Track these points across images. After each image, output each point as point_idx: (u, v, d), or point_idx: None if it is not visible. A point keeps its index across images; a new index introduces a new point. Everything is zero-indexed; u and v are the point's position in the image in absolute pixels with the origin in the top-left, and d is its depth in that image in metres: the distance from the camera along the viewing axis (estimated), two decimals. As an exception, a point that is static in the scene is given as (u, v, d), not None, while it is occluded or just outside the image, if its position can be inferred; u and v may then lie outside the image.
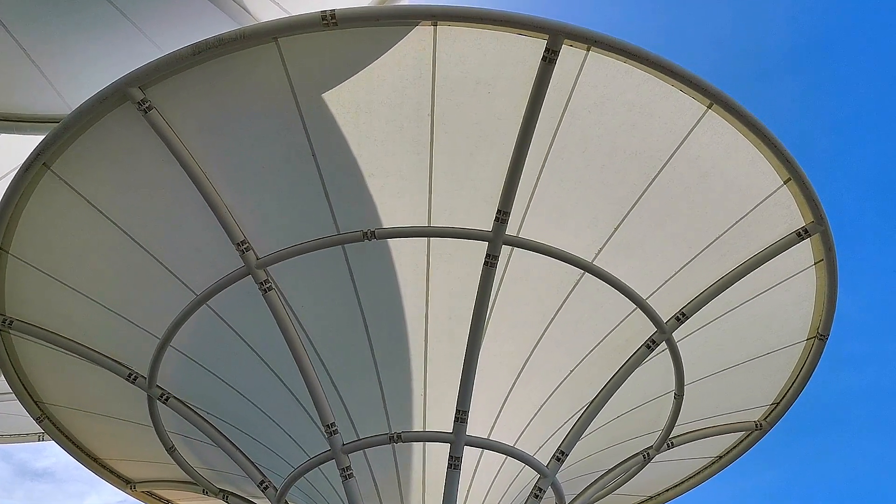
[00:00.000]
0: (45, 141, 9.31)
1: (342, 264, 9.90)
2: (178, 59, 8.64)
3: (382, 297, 10.15)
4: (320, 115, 8.99)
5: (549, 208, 9.79)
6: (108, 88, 8.84)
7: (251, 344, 10.70)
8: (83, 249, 10.42)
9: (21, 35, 9.35)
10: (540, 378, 11.02)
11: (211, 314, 10.46)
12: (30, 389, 12.52)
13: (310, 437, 11.16)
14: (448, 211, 9.66)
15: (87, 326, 11.26)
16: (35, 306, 11.14)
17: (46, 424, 13.03)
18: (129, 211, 9.97)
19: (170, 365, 11.21)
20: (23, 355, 11.97)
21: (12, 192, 9.69)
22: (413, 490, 11.19)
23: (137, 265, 10.29)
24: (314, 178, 9.38)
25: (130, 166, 9.59)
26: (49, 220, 10.10)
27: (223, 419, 11.95)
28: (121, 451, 14.03)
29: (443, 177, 9.44)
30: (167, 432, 12.60)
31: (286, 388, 10.88)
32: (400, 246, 9.81)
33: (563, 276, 10.29)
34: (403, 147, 9.26)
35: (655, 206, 9.96)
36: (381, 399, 10.76)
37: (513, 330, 10.59)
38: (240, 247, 9.74)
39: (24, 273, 10.68)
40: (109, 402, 12.52)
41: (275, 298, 10.04)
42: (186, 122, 9.15)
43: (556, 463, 11.62)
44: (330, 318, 10.41)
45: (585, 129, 9.26)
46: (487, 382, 10.73)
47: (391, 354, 10.53)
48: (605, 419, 11.85)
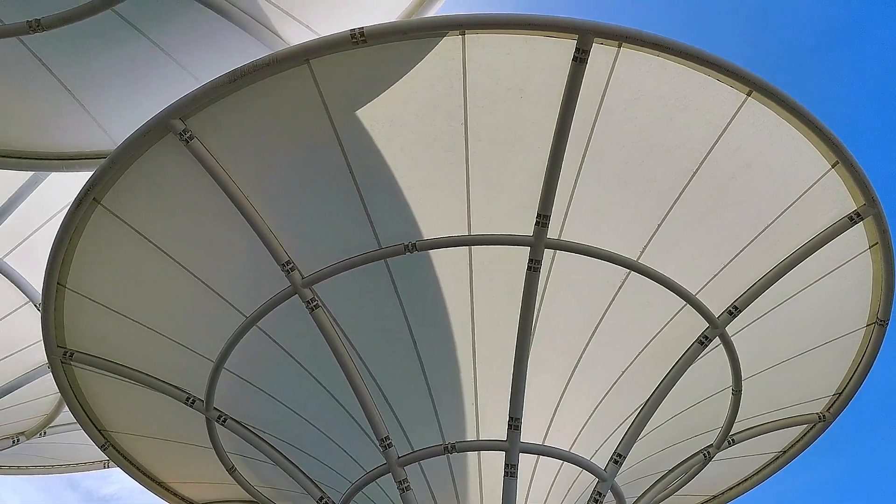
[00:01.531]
0: (93, 176, 9.61)
1: (385, 278, 9.97)
2: (216, 87, 8.83)
3: (427, 308, 10.18)
4: (355, 132, 9.09)
5: (589, 209, 9.70)
6: (151, 121, 9.08)
7: (301, 362, 10.83)
8: (135, 279, 10.70)
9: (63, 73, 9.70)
10: (591, 381, 10.90)
11: (261, 335, 10.62)
12: (93, 418, 12.88)
13: (365, 452, 11.23)
14: (487, 218, 9.65)
15: (143, 354, 11.54)
16: (94, 337, 11.47)
17: (111, 451, 13.38)
18: (176, 239, 10.21)
19: (225, 387, 11.41)
20: (85, 386, 12.32)
21: (66, 228, 10.01)
22: (471, 500, 11.15)
23: (188, 291, 10.52)
24: (353, 194, 9.48)
25: (176, 195, 9.83)
26: (102, 252, 10.40)
27: (279, 437, 12.11)
28: (183, 474, 14.32)
29: (480, 185, 9.44)
30: (227, 453, 12.83)
31: (338, 403, 10.97)
32: (441, 256, 9.82)
33: (609, 276, 10.17)
34: (438, 158, 9.29)
35: (698, 200, 9.79)
36: (433, 410, 10.77)
37: (561, 334, 10.50)
38: (285, 267, 9.88)
39: (81, 306, 11.01)
40: (170, 426, 12.80)
41: (322, 316, 10.15)
42: (226, 148, 9.34)
43: (614, 466, 11.45)
44: (377, 333, 10.47)
45: (621, 126, 9.16)
46: (538, 388, 10.65)
47: (440, 365, 10.53)
48: (662, 419, 11.64)
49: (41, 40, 9.04)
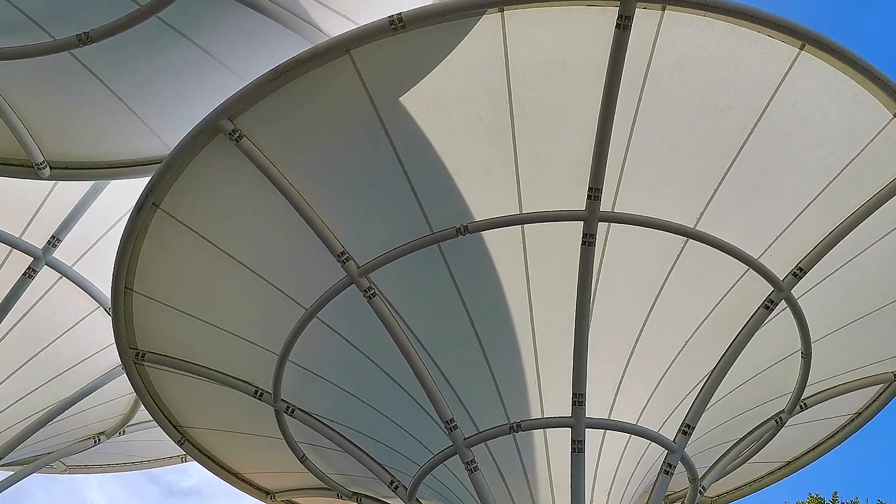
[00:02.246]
0: (151, 182, 9.88)
1: (440, 262, 10.00)
2: (260, 85, 8.95)
3: (483, 290, 10.18)
4: (400, 118, 9.11)
5: (642, 178, 9.54)
6: (201, 124, 9.27)
7: (363, 350, 10.98)
8: (198, 279, 10.99)
9: (115, 84, 9.99)
10: (654, 352, 10.76)
11: (322, 326, 10.79)
12: (168, 415, 13.33)
13: (431, 435, 11.34)
14: (538, 196, 9.57)
15: (210, 351, 11.87)
16: (162, 337, 11.85)
17: (187, 446, 13.84)
18: (234, 237, 10.43)
19: (291, 378, 11.66)
20: (158, 384, 12.76)
21: (129, 234, 10.33)
22: (539, 477, 11.17)
23: (248, 287, 10.75)
24: (402, 181, 9.52)
25: (230, 195, 10.04)
26: (164, 255, 10.71)
27: (347, 425, 12.33)
28: (258, 465, 14.73)
29: (528, 162, 9.36)
30: (297, 443, 13.13)
31: (402, 389, 11.10)
32: (494, 237, 9.80)
33: (666, 245, 10.00)
34: (485, 138, 9.24)
35: (755, 161, 9.52)
36: (496, 390, 10.80)
37: (620, 307, 10.39)
38: (340, 258, 10.00)
39: (148, 308, 11.37)
40: (241, 419, 13.16)
41: (380, 304, 10.26)
42: (276, 145, 9.48)
43: (682, 437, 11.32)
44: (435, 317, 10.53)
45: (670, 91, 8.95)
46: (601, 363, 10.57)
47: (500, 345, 10.55)
48: (730, 387, 11.44)
49: (91, 53, 9.32)
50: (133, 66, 9.83)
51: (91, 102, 10.16)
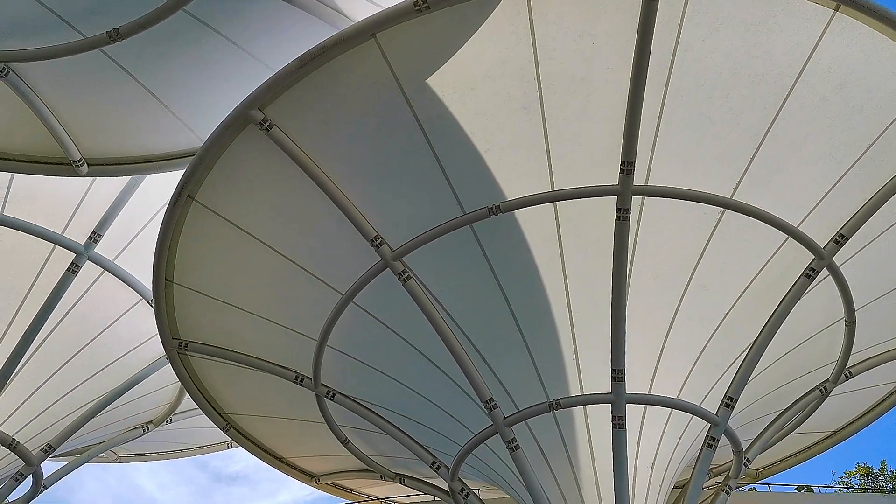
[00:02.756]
0: (185, 175, 10.01)
1: (473, 243, 9.99)
2: (288, 74, 8.99)
3: (518, 269, 10.16)
4: (428, 101, 9.07)
5: (675, 150, 9.39)
6: (231, 115, 9.35)
7: (400, 333, 11.04)
8: (235, 268, 11.14)
9: (146, 79, 10.10)
10: (694, 325, 10.64)
11: (359, 311, 10.88)
12: (213, 403, 13.60)
13: (471, 415, 11.39)
14: (570, 172, 9.49)
15: (251, 338, 12.05)
16: (204, 327, 12.06)
17: (232, 433, 14.13)
18: (268, 226, 10.54)
19: (330, 363, 11.79)
20: (202, 373, 13.01)
21: (166, 227, 10.50)
22: (581, 454, 11.16)
23: (284, 275, 10.87)
24: (432, 163, 9.50)
25: (263, 184, 10.12)
26: (202, 246, 10.86)
27: (387, 408, 12.45)
28: (302, 449, 14.98)
29: (559, 138, 9.27)
30: (339, 426, 13.30)
31: (440, 370, 11.15)
32: (527, 216, 9.75)
33: (702, 217, 9.85)
34: (514, 116, 9.17)
35: (792, 128, 9.31)
36: (534, 369, 10.80)
37: (657, 281, 10.28)
38: (374, 242, 10.05)
39: (188, 298, 11.57)
40: (283, 405, 13.37)
41: (415, 286, 10.29)
42: (306, 132, 9.52)
43: (725, 410, 11.22)
44: (470, 298, 10.54)
45: (702, 59, 8.77)
46: (640, 338, 10.49)
47: (536, 324, 10.53)
48: (773, 357, 11.28)
49: (122, 49, 9.43)
50: (162, 60, 9.93)
51: (124, 99, 10.30)
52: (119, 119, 10.84)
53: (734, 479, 12.86)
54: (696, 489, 11.72)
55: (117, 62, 9.81)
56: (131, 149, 11.29)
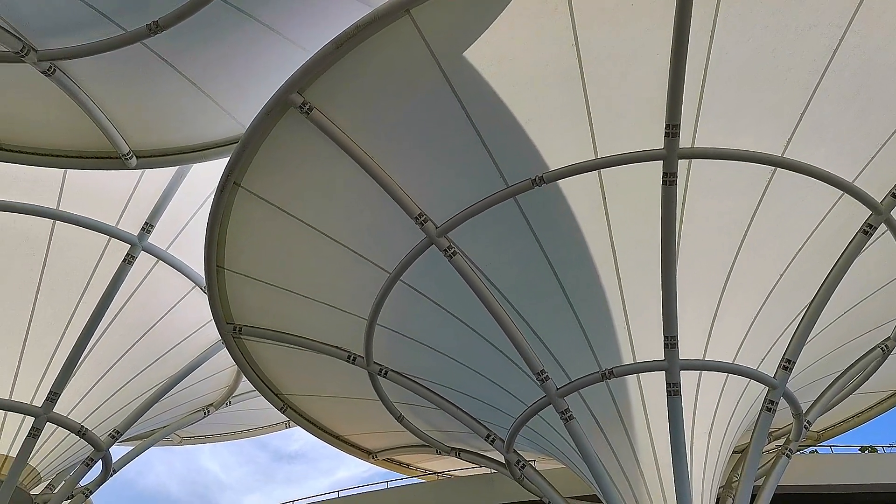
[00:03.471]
0: (230, 162, 10.15)
1: (518, 216, 9.93)
2: (325, 56, 9.00)
3: (564, 239, 10.07)
4: (465, 75, 9.00)
5: (721, 110, 9.15)
6: (271, 100, 9.42)
7: (449, 309, 11.09)
8: (283, 251, 11.30)
9: (187, 69, 10.23)
10: (748, 288, 10.44)
11: (407, 288, 10.95)
12: (270, 385, 13.90)
13: (524, 387, 11.42)
14: (613, 138, 9.33)
15: (302, 320, 12.25)
16: (256, 311, 12.30)
17: (290, 413, 14.44)
18: (313, 209, 10.64)
19: (382, 341, 11.92)
20: (257, 355, 13.30)
21: (214, 215, 10.69)
22: (636, 422, 11.11)
23: (332, 256, 10.99)
24: (473, 137, 9.44)
25: (306, 167, 10.21)
26: (249, 231, 11.04)
27: (440, 383, 12.55)
28: (358, 426, 15.23)
29: (600, 105, 9.12)
30: (394, 403, 13.48)
31: (491, 344, 11.18)
32: (571, 185, 9.64)
33: (752, 177, 9.61)
34: (554, 85, 9.04)
35: (843, 80, 8.97)
36: (585, 339, 10.74)
37: (708, 245, 10.09)
38: (418, 220, 10.07)
39: (240, 283, 11.80)
40: (338, 384, 13.60)
41: (461, 262, 10.30)
42: (346, 113, 9.55)
43: (783, 372, 11.01)
44: (517, 271, 10.51)
45: (746, 13, 8.49)
46: (692, 303, 10.34)
47: (585, 293, 10.45)
48: (831, 317, 11.01)
49: (162, 41, 9.56)
50: (202, 50, 10.03)
51: (167, 90, 10.46)
52: (163, 110, 11.03)
53: (795, 442, 12.66)
54: (756, 454, 11.58)
55: (159, 54, 9.95)
56: (177, 139, 11.49)
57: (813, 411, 12.55)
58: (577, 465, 11.85)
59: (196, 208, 13.44)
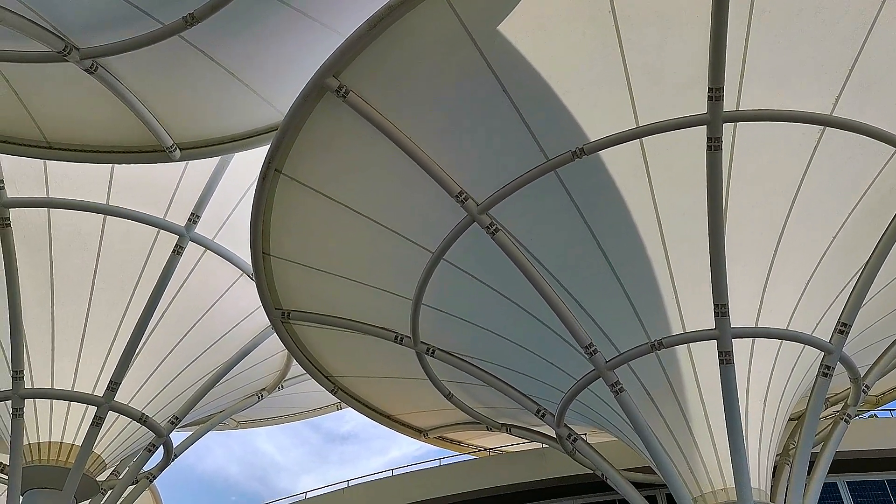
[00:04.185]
0: (270, 150, 10.25)
1: (559, 189, 9.83)
2: (359, 38, 8.98)
3: (607, 210, 9.95)
4: (500, 48, 8.90)
5: (766, 70, 8.88)
6: (308, 86, 9.46)
7: (493, 286, 11.07)
8: (326, 235, 11.40)
9: (223, 59, 10.33)
10: (800, 251, 10.18)
11: (450, 267, 10.96)
12: (319, 367, 14.12)
13: (573, 362, 11.37)
14: (654, 105, 9.14)
15: (349, 303, 12.38)
16: (303, 295, 12.47)
17: (340, 394, 14.65)
18: (354, 192, 10.70)
19: (428, 321, 11.98)
20: (306, 339, 13.50)
21: (258, 202, 10.82)
22: (688, 392, 10.98)
23: (374, 238, 11.05)
24: (510, 111, 9.35)
25: (345, 151, 10.25)
26: (292, 217, 11.16)
27: (487, 360, 12.58)
28: (408, 405, 15.39)
29: (640, 72, 8.93)
30: (442, 382, 13.56)
31: (537, 320, 11.14)
32: (613, 155, 9.49)
33: (801, 137, 9.33)
34: (591, 54, 8.88)
35: (892, 31, 8.62)
36: (633, 310, 10.62)
37: (756, 209, 9.86)
38: (458, 198, 10.04)
39: (286, 269, 11.97)
40: (386, 364, 13.74)
41: (503, 238, 10.26)
42: (382, 95, 9.54)
43: (839, 336, 10.75)
44: (561, 244, 10.43)
45: (788, -31, 8.21)
46: (742, 269, 10.14)
47: (631, 264, 10.32)
48: (887, 279, 10.70)
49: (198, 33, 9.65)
50: (237, 39, 10.11)
51: (205, 81, 10.58)
52: (203, 101, 11.17)
53: (853, 407, 12.39)
54: (813, 420, 11.37)
55: (196, 46, 10.06)
56: (218, 129, 11.64)
57: (871, 375, 12.26)
58: (630, 438, 11.79)
59: (240, 197, 13.64)
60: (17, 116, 11.06)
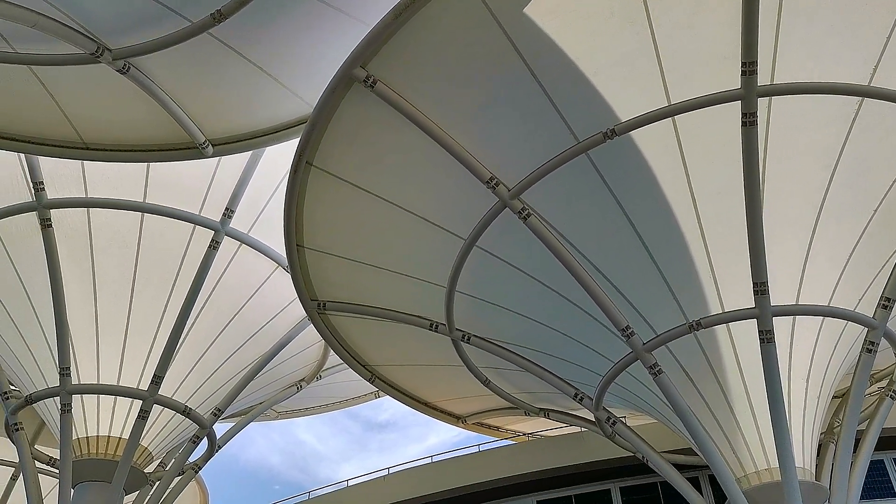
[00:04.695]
0: (301, 142, 10.31)
1: (591, 171, 9.74)
2: (385, 27, 8.98)
3: (640, 190, 9.82)
4: (526, 32, 8.82)
5: (800, 42, 8.67)
6: (336, 77, 9.48)
7: (527, 271, 11.03)
8: (358, 226, 11.46)
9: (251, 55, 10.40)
10: (840, 226, 9.97)
11: (483, 254, 10.94)
12: (356, 357, 14.23)
13: (609, 344, 11.30)
14: (686, 82, 8.99)
15: (383, 292, 12.44)
16: (338, 286, 12.55)
17: (378, 383, 14.76)
18: (385, 181, 10.72)
19: (462, 308, 12.00)
20: (343, 329, 13.61)
21: (290, 195, 10.91)
22: (728, 373, 10.85)
23: (406, 227, 11.07)
24: (539, 94, 9.28)
25: (375, 140, 10.27)
26: (325, 208, 11.23)
27: (523, 345, 12.56)
28: (445, 392, 15.45)
29: (670, 49, 8.78)
30: (479, 368, 13.58)
31: (572, 303, 11.08)
32: (644, 135, 9.37)
33: (838, 109, 9.11)
34: (619, 34, 8.75)
35: (935, -5, 8.35)
36: (670, 291, 10.51)
37: (794, 184, 9.66)
38: (489, 184, 10.01)
39: (320, 260, 12.06)
40: (422, 352, 13.79)
41: (536, 223, 10.21)
42: (410, 84, 9.53)
43: (883, 312, 10.52)
44: (594, 227, 10.34)
45: (821, -63, 7.99)
46: (781, 246, 9.96)
47: (666, 244, 10.20)
48: (933, 251, 10.43)
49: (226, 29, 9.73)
50: (264, 33, 10.16)
51: (234, 76, 10.67)
52: (233, 96, 11.26)
53: (899, 384, 12.14)
54: (858, 397, 11.17)
55: (224, 41, 10.14)
56: (248, 124, 11.73)
57: (918, 350, 11.98)
58: (670, 420, 11.71)
59: (273, 190, 13.75)
60: (54, 119, 11.27)
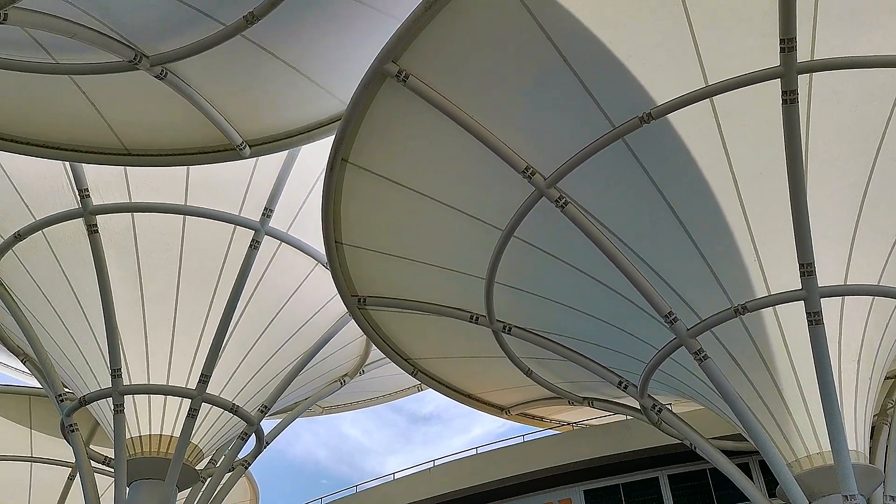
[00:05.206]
0: (336, 139, 10.39)
1: (628, 157, 9.62)
2: (415, 20, 8.98)
3: (679, 174, 9.67)
4: (558, 19, 8.73)
5: (840, 15, 8.43)
6: (368, 73, 9.52)
7: (566, 260, 10.95)
8: (396, 220, 11.50)
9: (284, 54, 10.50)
10: (888, 204, 9.69)
11: (521, 244, 10.90)
12: (398, 351, 14.31)
13: (652, 331, 11.17)
14: (723, 62, 8.81)
15: (422, 285, 12.48)
16: (377, 281, 12.63)
17: (421, 376, 14.83)
18: (420, 175, 10.74)
19: (502, 299, 11.97)
20: (384, 324, 13.70)
21: (327, 192, 11.00)
22: (776, 356, 10.64)
23: (444, 220, 11.08)
24: (573, 81, 9.19)
25: (410, 135, 10.29)
26: (362, 204, 11.30)
27: (565, 335, 12.49)
28: (488, 384, 15.45)
29: (705, 28, 8.61)
30: (521, 358, 13.55)
31: (613, 291, 10.97)
32: (682, 118, 9.21)
33: (883, 83, 8.85)
34: (652, 14, 8.62)
35: (983, -41, 8.05)
36: (713, 276, 10.33)
37: (838, 162, 9.41)
38: (525, 173, 9.95)
39: (359, 257, 12.15)
40: (463, 344, 13.81)
41: (574, 211, 10.12)
42: (442, 77, 9.52)
43: (936, 290, 10.21)
44: (634, 213, 10.21)
45: None
46: (826, 226, 9.72)
47: (708, 228, 10.02)
48: None
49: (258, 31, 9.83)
50: (296, 32, 10.24)
51: (268, 77, 10.79)
52: (267, 97, 11.39)
53: (956, 363, 11.77)
54: (913, 378, 10.86)
55: (257, 43, 10.26)
56: (283, 124, 11.85)
57: (975, 328, 11.59)
58: (718, 406, 11.53)
59: (310, 188, 13.88)
60: (97, 127, 11.53)
